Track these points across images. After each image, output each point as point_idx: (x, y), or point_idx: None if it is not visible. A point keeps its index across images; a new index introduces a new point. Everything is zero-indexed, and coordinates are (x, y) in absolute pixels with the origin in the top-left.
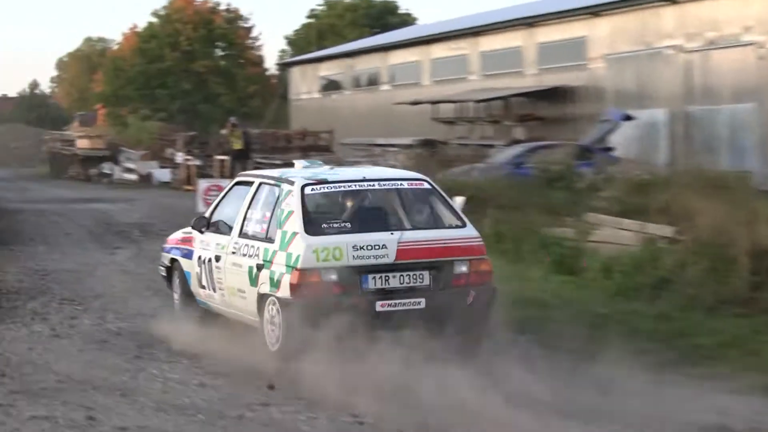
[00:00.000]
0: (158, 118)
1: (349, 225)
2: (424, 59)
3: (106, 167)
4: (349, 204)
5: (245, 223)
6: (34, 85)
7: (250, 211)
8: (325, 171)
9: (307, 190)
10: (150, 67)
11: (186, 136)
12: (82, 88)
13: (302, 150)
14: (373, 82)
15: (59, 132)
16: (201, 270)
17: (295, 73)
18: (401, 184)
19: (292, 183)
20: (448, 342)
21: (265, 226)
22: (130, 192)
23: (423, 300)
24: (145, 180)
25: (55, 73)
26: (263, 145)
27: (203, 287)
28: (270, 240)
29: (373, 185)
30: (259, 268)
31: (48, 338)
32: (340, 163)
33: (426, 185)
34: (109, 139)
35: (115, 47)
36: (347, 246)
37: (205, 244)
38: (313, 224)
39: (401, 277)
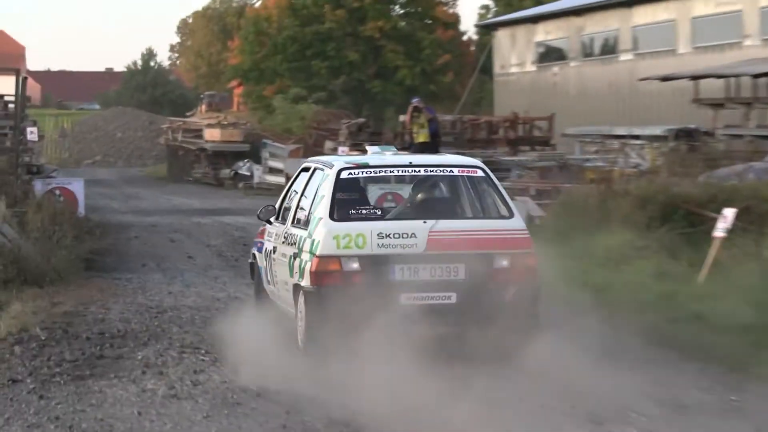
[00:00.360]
0: (315, 99)
1: (378, 212)
2: (681, 17)
3: (244, 167)
4: (418, 196)
5: (297, 210)
6: (149, 55)
7: (303, 198)
8: (387, 158)
9: (344, 174)
10: (304, 30)
11: (352, 124)
12: (211, 60)
13: (510, 143)
14: (609, 49)
15: (180, 119)
16: (267, 264)
17: (502, 38)
18: (451, 171)
19: (331, 167)
20: (482, 342)
21: (307, 213)
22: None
23: (454, 294)
24: None
25: (176, 39)
26: (458, 137)
27: (269, 282)
28: (306, 227)
29: (419, 171)
30: (295, 257)
31: (164, 399)
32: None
33: (479, 173)
34: (247, 128)
35: (258, 4)
36: (371, 233)
37: (271, 235)
38: (340, 209)
39: (432, 269)
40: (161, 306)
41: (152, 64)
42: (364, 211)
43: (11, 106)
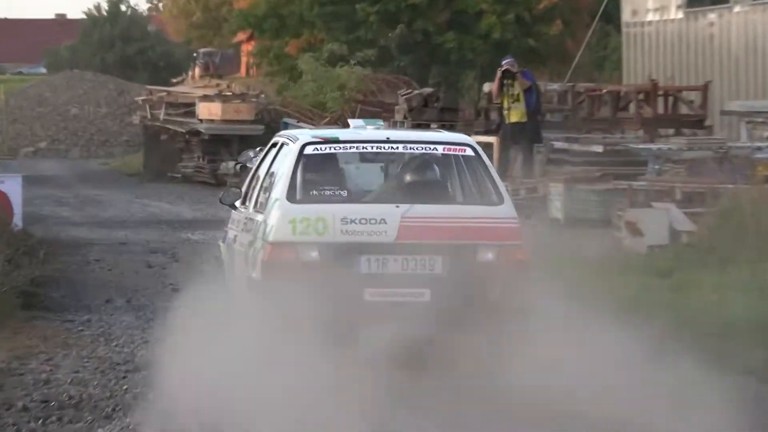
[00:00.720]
0: (360, 60)
1: (345, 193)
2: None
3: (255, 158)
4: (393, 176)
5: (260, 192)
6: None
7: (267, 178)
8: (363, 132)
9: (308, 150)
10: None
11: (414, 96)
12: (209, 4)
13: (647, 123)
14: None
15: (164, 88)
16: (228, 257)
17: None
18: (434, 149)
19: (295, 141)
20: (457, 346)
21: (267, 194)
22: None
23: (428, 291)
24: None
25: None
26: (569, 115)
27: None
28: (263, 210)
29: (396, 148)
30: (250, 245)
31: None
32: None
33: (468, 151)
34: (261, 102)
35: None
36: (334, 218)
37: (234, 222)
38: (300, 190)
39: (404, 262)
40: (132, 361)
41: (123, 8)
42: (327, 193)
43: None
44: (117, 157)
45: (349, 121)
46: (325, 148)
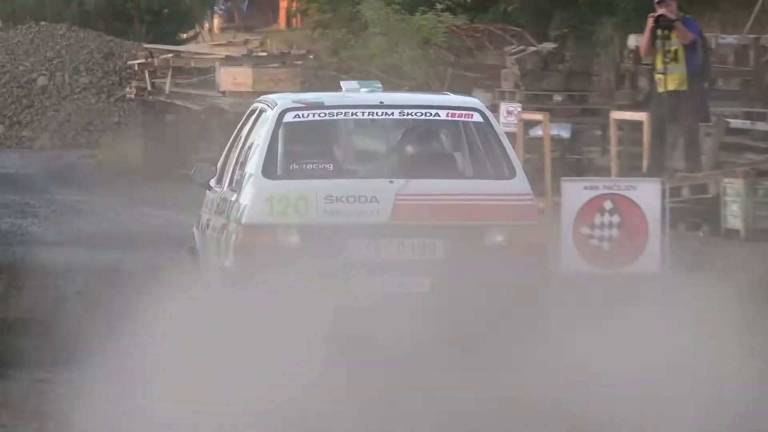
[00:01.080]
0: (449, 5)
1: (330, 167)
2: None
3: None
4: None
5: (235, 168)
6: None
7: (242, 151)
8: (353, 96)
9: (288, 117)
10: None
11: (528, 54)
12: None
13: None
14: None
15: (170, 48)
16: (201, 244)
17: None
18: (437, 115)
19: (273, 107)
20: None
21: (242, 170)
22: None
23: (428, 281)
24: None
25: None
26: (751, 81)
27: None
28: (238, 188)
29: (392, 114)
30: (223, 229)
31: None
32: None
33: (477, 117)
34: (308, 66)
35: None
36: (317, 196)
37: (207, 204)
38: (277, 164)
39: (400, 246)
40: None
41: None
42: (310, 167)
43: None
44: (105, 146)
45: (342, 83)
46: (308, 115)
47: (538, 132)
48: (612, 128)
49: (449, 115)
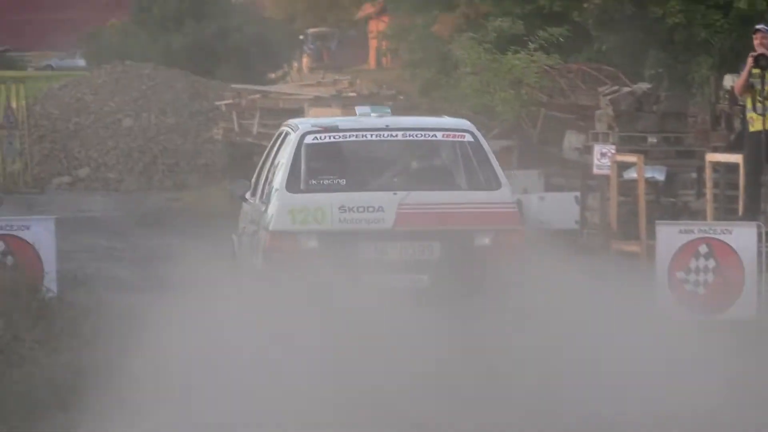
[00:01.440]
0: (542, 44)
1: (343, 181)
2: None
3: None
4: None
5: (265, 183)
6: None
7: (271, 167)
8: (363, 120)
9: (308, 139)
10: None
11: (622, 94)
12: None
13: None
14: None
15: (259, 88)
16: (239, 249)
17: None
18: (434, 136)
19: (296, 130)
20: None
21: (270, 184)
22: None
23: (427, 277)
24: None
25: None
26: None
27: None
28: (268, 201)
29: (396, 136)
30: (254, 235)
31: None
32: None
33: (468, 137)
34: (397, 107)
35: None
36: (332, 207)
37: (243, 214)
38: (298, 180)
39: (402, 248)
40: None
41: None
42: (326, 182)
43: None
44: (192, 188)
45: (356, 108)
46: (325, 137)
47: (632, 174)
48: (707, 171)
49: (444, 136)
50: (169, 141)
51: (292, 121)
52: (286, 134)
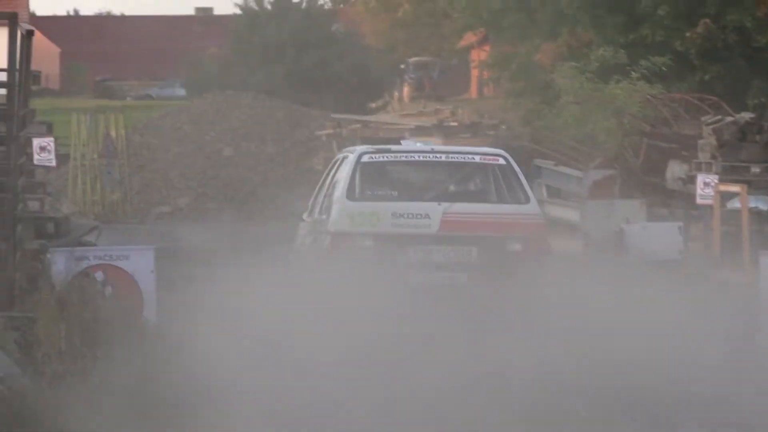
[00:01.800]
0: (644, 73)
1: (396, 193)
2: None
3: None
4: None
5: (325, 197)
6: None
7: (330, 186)
8: (412, 145)
9: (364, 159)
10: None
11: (724, 125)
12: None
13: None
14: None
15: (356, 117)
16: (296, 261)
17: None
18: (472, 158)
19: (354, 152)
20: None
21: (330, 198)
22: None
23: (466, 276)
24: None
25: None
26: None
27: None
28: (328, 212)
29: (440, 157)
30: (315, 241)
31: None
32: None
33: (501, 161)
34: (500, 135)
35: None
36: (386, 213)
37: (299, 233)
38: (357, 190)
39: (445, 250)
40: None
41: None
42: (380, 193)
43: None
44: (294, 217)
45: (402, 141)
46: (379, 157)
47: (735, 204)
48: None
49: (481, 158)
50: (270, 170)
51: (350, 148)
52: (344, 157)
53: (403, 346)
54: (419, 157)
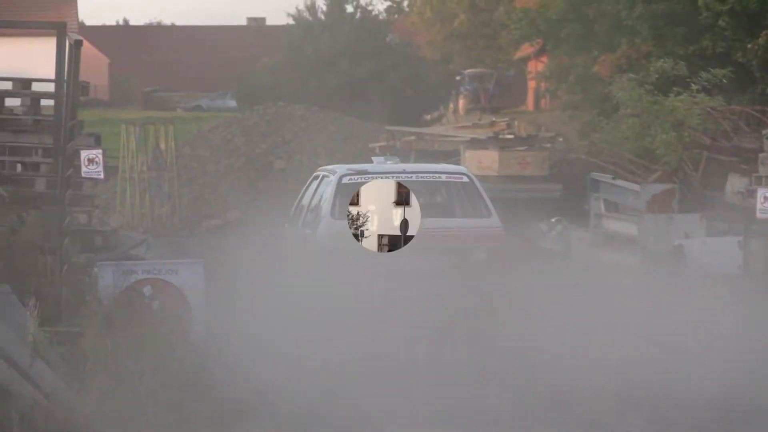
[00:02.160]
0: (705, 85)
1: None
2: None
3: (550, 231)
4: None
5: (307, 213)
6: None
7: (311, 202)
8: (385, 165)
9: (344, 180)
10: None
11: None
12: (479, 2)
13: None
14: None
15: (411, 129)
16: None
17: None
18: (440, 177)
19: (334, 173)
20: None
21: (314, 214)
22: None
23: (437, 282)
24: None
25: None
26: None
27: None
28: (313, 226)
29: (411, 177)
30: (301, 254)
31: None
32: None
33: (465, 179)
34: (558, 149)
35: None
36: None
37: (284, 238)
38: (340, 209)
39: (417, 260)
40: None
41: (350, 9)
42: None
43: (45, 103)
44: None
45: (373, 158)
46: (357, 178)
47: None
48: None
49: (447, 177)
50: None
51: (327, 167)
52: (324, 176)
53: (402, 346)
54: (393, 177)
